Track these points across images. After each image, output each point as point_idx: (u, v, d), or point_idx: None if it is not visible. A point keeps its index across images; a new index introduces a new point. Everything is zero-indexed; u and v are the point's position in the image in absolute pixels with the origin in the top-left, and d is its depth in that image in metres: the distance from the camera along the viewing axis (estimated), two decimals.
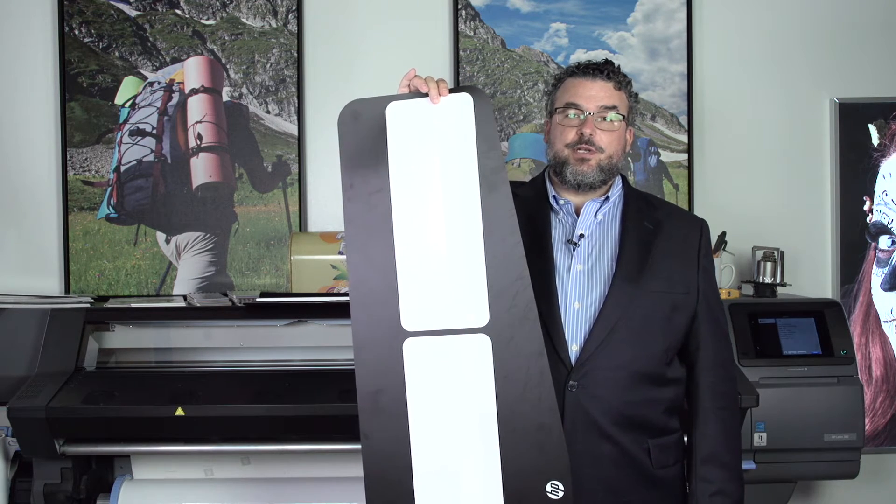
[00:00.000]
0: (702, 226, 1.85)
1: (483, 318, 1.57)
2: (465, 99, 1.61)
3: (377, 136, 1.62)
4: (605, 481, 1.72)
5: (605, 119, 1.76)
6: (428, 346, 1.58)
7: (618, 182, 1.84)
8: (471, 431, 1.58)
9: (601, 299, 1.73)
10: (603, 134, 1.76)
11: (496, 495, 1.57)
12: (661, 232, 1.79)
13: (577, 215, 1.81)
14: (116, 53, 2.93)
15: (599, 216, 1.80)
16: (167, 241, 2.92)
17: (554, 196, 1.83)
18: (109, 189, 2.91)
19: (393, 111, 1.62)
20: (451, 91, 1.62)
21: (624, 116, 1.78)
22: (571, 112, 1.77)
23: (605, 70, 1.78)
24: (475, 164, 1.60)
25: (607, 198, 1.81)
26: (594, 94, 1.76)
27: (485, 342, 1.57)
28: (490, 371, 1.57)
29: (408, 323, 1.59)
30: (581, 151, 1.75)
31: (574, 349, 1.72)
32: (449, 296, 1.58)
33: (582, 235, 1.78)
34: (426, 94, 1.61)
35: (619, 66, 1.82)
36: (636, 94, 1.84)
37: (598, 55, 2.97)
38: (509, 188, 1.60)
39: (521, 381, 1.56)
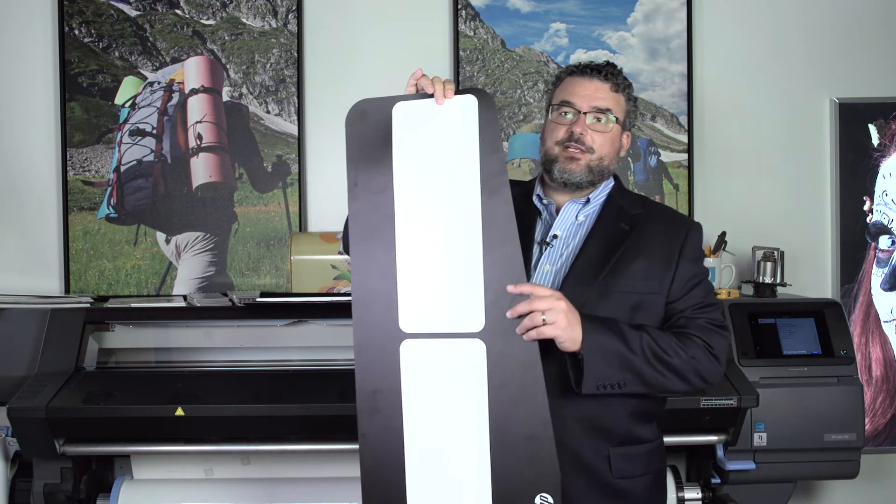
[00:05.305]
0: (690, 227, 1.78)
1: (479, 324, 1.56)
2: (470, 101, 1.60)
3: (383, 136, 1.61)
4: None
5: (598, 120, 1.73)
6: (424, 349, 1.58)
7: (605, 185, 1.80)
8: (463, 436, 1.57)
9: None
10: (595, 134, 1.73)
11: (485, 502, 1.57)
12: (636, 232, 1.74)
13: None
14: (116, 53, 2.93)
15: (581, 217, 1.77)
16: (167, 241, 2.92)
17: (538, 195, 1.81)
18: (109, 189, 2.91)
19: (399, 111, 1.62)
20: (457, 93, 1.61)
21: (618, 119, 1.75)
22: (565, 110, 1.75)
23: (603, 71, 1.75)
24: (477, 167, 1.59)
25: (588, 200, 1.78)
26: (589, 93, 1.74)
27: (479, 347, 1.56)
28: (484, 377, 1.56)
29: (406, 324, 1.58)
30: (571, 150, 1.72)
31: None
32: (446, 299, 1.58)
33: (555, 236, 1.75)
34: (433, 95, 1.60)
35: (620, 69, 1.79)
36: (635, 98, 1.81)
37: (598, 55, 2.98)
38: (510, 193, 1.58)
39: (514, 390, 1.55)
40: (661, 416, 1.80)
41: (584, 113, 1.73)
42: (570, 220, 1.77)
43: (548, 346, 1.59)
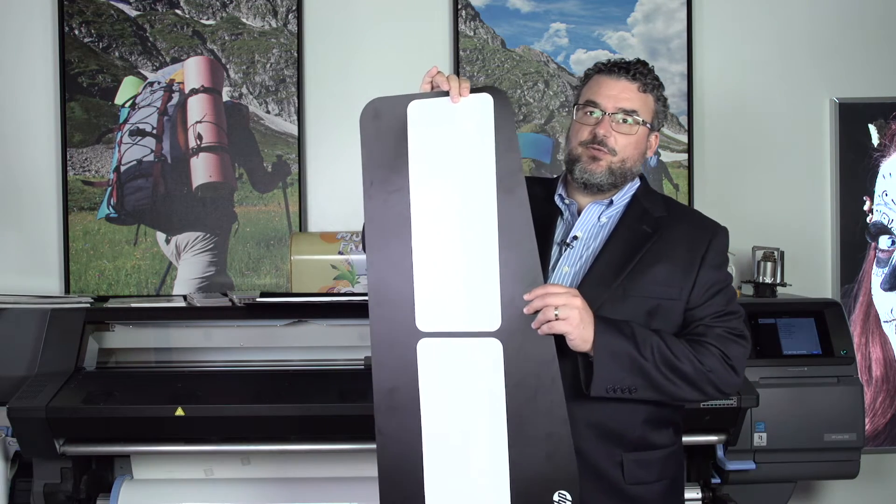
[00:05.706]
0: (714, 232, 1.73)
1: (495, 323, 1.56)
2: (486, 99, 1.58)
3: (398, 135, 1.60)
4: None
5: (624, 121, 1.69)
6: (441, 348, 1.58)
7: (629, 186, 1.76)
8: (481, 434, 1.57)
9: None
10: (619, 136, 1.69)
11: (504, 500, 1.57)
12: (658, 235, 1.71)
13: None
14: (116, 53, 2.93)
15: (604, 219, 1.74)
16: (167, 241, 2.92)
17: (560, 195, 1.77)
18: (109, 189, 2.91)
19: (414, 110, 1.60)
20: (472, 91, 1.59)
21: (645, 121, 1.71)
22: (590, 110, 1.71)
23: (631, 70, 1.71)
24: (493, 166, 1.58)
25: (611, 202, 1.74)
26: (615, 94, 1.70)
27: (496, 346, 1.56)
28: (501, 376, 1.56)
29: (422, 323, 1.58)
30: (593, 150, 1.69)
31: None
32: (462, 298, 1.58)
33: (576, 237, 1.72)
34: (448, 93, 1.58)
35: (651, 68, 1.74)
36: (665, 98, 1.77)
37: (599, 55, 2.98)
38: (526, 191, 1.57)
39: (531, 388, 1.55)
40: (677, 422, 1.76)
41: (609, 114, 1.69)
42: (592, 222, 1.74)
43: (561, 349, 1.58)
